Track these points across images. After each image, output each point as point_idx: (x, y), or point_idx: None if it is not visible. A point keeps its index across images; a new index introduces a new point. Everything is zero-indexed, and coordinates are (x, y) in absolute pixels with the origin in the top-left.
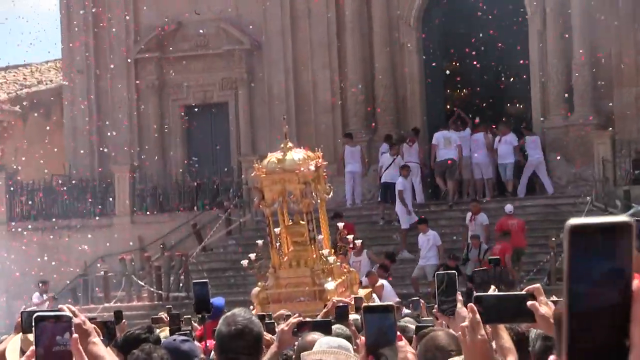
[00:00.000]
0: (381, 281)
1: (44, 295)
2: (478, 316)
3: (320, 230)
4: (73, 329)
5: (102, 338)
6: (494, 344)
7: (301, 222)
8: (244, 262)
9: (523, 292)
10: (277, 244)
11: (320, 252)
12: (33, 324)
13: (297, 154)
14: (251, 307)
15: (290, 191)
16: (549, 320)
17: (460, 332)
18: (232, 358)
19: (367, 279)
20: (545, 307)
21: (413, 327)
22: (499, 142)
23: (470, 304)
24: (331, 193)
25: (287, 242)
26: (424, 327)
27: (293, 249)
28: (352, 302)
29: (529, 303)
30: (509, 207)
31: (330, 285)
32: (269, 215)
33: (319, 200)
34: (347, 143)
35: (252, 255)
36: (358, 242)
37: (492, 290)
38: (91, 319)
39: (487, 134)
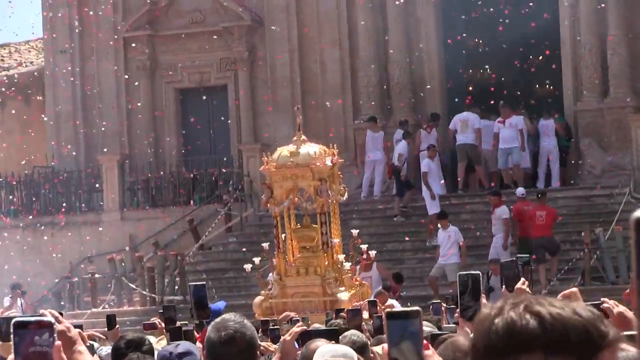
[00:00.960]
0: (391, 301)
1: (19, 302)
2: None
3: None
4: (56, 334)
5: (88, 345)
6: None
7: (313, 225)
8: (247, 267)
9: (559, 297)
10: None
11: (337, 257)
12: (12, 330)
13: (311, 148)
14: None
15: (302, 188)
16: None
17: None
18: None
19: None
20: None
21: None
22: (503, 126)
23: None
24: (345, 195)
25: (292, 247)
26: (441, 334)
27: (301, 255)
28: (366, 307)
29: None
30: (520, 190)
31: (343, 295)
32: (277, 215)
33: (333, 201)
34: (370, 128)
35: (257, 260)
36: (372, 253)
37: (522, 284)
38: (77, 326)
39: (526, 119)
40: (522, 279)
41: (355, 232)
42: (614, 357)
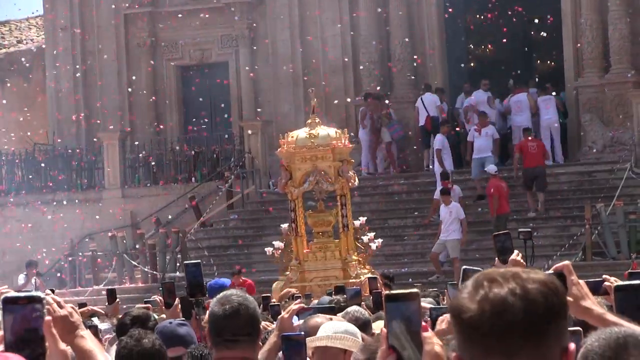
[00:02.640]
0: None
1: (33, 280)
2: None
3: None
4: (45, 310)
5: (89, 324)
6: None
7: (326, 209)
8: (268, 250)
9: (551, 271)
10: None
11: (360, 238)
12: (1, 306)
13: (329, 130)
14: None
15: (323, 170)
16: (579, 302)
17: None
18: (228, 339)
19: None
20: (575, 287)
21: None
22: (478, 135)
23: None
24: (356, 181)
25: (303, 232)
26: (442, 310)
27: (315, 240)
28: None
29: None
30: (492, 168)
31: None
32: (296, 197)
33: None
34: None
35: (277, 243)
36: (378, 242)
37: (517, 256)
38: (81, 304)
39: (529, 94)
40: (516, 251)
41: (362, 219)
42: None
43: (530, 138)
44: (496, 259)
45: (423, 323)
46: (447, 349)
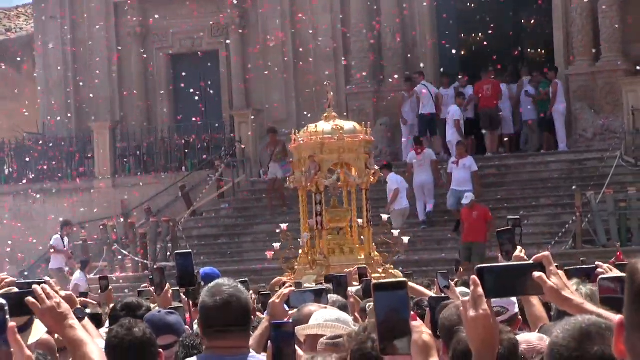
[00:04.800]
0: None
1: (65, 239)
2: (480, 289)
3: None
4: (7, 317)
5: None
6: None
7: (344, 205)
8: (269, 254)
9: (530, 261)
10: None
11: (386, 234)
12: None
13: (347, 123)
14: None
15: (350, 163)
16: (559, 292)
17: (461, 307)
18: (220, 331)
19: None
20: (555, 277)
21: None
22: (456, 167)
23: (473, 277)
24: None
25: (306, 228)
26: (440, 299)
27: (330, 237)
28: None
29: (536, 274)
30: (469, 196)
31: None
32: (323, 190)
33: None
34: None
35: (277, 245)
36: (405, 239)
37: (520, 252)
38: (82, 294)
39: (509, 85)
40: (519, 248)
41: (385, 217)
42: None
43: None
44: (499, 255)
45: (412, 312)
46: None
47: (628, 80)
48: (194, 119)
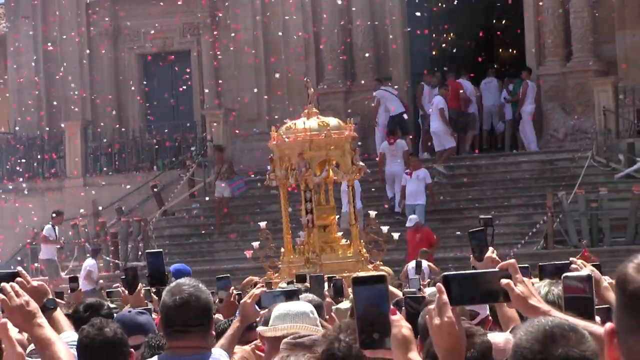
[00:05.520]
0: None
1: (56, 229)
2: (445, 297)
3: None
4: (1, 313)
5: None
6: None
7: (327, 202)
8: (248, 254)
9: (496, 269)
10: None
11: (372, 227)
12: None
13: (330, 119)
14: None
15: (336, 160)
16: (526, 299)
17: (427, 315)
18: (179, 331)
19: None
20: (521, 285)
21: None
22: (409, 178)
23: (438, 284)
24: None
25: (288, 227)
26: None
27: (315, 234)
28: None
29: (503, 282)
30: (413, 218)
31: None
32: (313, 187)
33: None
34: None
35: (256, 244)
36: (395, 235)
37: (491, 252)
38: (58, 294)
39: (471, 85)
40: (491, 248)
41: (373, 213)
42: None
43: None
44: (471, 256)
45: (391, 306)
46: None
47: (599, 80)
48: (165, 118)
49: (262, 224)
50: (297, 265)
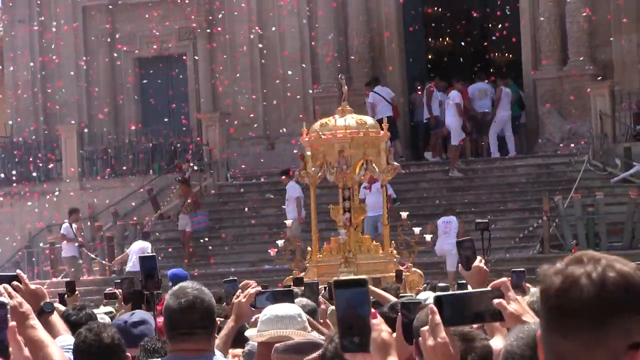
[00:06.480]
0: None
1: (73, 227)
2: (438, 317)
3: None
4: (9, 315)
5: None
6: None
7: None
8: (272, 252)
9: (488, 288)
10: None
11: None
12: None
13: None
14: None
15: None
16: (520, 317)
17: (421, 336)
18: (184, 333)
19: None
20: (514, 303)
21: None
22: (369, 192)
23: (431, 305)
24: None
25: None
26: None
27: (352, 233)
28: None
29: (495, 301)
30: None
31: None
32: (351, 186)
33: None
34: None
35: (280, 242)
36: (427, 237)
37: (479, 262)
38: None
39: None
40: (479, 258)
41: (404, 214)
42: None
43: None
44: (459, 265)
45: (372, 310)
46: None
47: (596, 84)
48: (161, 122)
49: (288, 222)
50: (325, 264)
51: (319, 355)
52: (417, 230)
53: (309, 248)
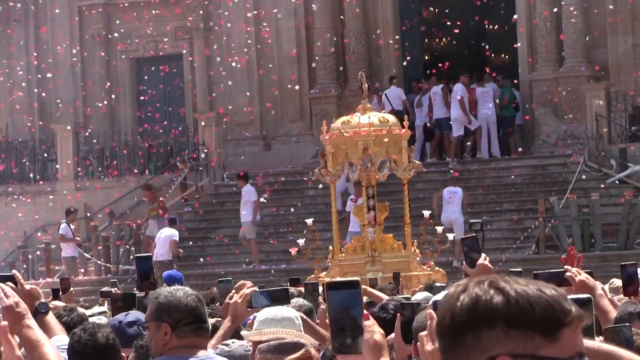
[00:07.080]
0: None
1: (71, 226)
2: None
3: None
4: (0, 315)
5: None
6: None
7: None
8: (292, 251)
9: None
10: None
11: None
12: None
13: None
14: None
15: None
16: (588, 285)
17: (419, 341)
18: (197, 327)
19: None
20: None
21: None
22: (355, 204)
23: (429, 310)
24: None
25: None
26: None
27: (377, 232)
28: None
29: (567, 274)
30: None
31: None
32: (375, 184)
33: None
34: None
35: (301, 241)
36: (450, 236)
37: (484, 259)
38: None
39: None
40: (483, 255)
41: (427, 213)
42: (576, 334)
43: None
44: (463, 262)
45: (364, 311)
46: None
47: (591, 86)
48: (157, 122)
49: (309, 221)
50: (349, 263)
51: (300, 355)
52: (439, 229)
53: (330, 247)
